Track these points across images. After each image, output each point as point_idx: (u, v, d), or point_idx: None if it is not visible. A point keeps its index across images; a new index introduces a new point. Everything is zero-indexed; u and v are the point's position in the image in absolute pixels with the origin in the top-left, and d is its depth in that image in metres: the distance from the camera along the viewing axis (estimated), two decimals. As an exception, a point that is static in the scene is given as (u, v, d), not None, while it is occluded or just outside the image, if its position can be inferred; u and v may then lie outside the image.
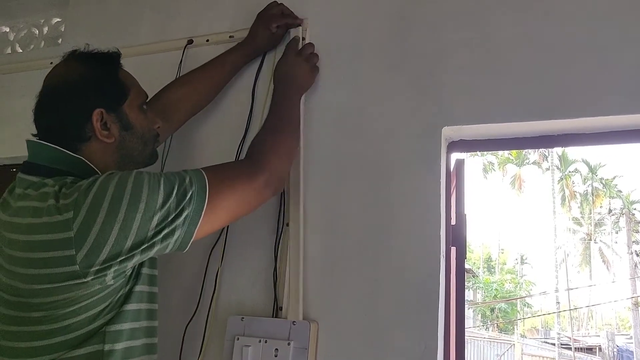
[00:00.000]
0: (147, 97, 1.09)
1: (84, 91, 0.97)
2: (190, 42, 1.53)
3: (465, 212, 1.25)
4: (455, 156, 1.26)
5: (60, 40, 1.83)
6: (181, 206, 0.88)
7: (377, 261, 1.15)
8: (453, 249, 1.22)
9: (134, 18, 1.66)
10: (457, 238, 1.22)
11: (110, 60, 1.03)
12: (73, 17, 1.79)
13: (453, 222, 1.23)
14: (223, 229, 1.29)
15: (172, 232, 0.87)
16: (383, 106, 1.25)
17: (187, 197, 0.89)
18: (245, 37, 1.40)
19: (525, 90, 1.14)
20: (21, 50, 1.90)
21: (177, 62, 1.51)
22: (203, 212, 0.90)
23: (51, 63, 1.74)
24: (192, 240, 0.91)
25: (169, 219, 0.87)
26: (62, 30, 1.84)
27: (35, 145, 0.95)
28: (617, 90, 1.07)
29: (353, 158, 1.24)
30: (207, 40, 1.51)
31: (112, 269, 0.84)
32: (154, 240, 0.86)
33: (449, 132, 1.20)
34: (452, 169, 1.25)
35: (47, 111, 0.98)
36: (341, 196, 1.22)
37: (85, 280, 0.82)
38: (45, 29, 1.89)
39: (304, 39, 1.35)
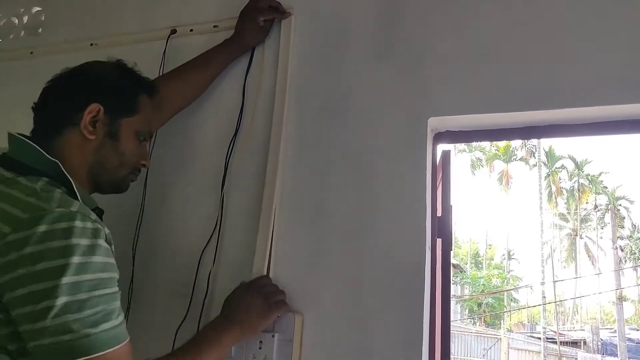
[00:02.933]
0: (151, 135, 1.08)
1: (95, 84, 0.98)
2: (173, 32, 1.50)
3: (451, 204, 1.24)
4: (441, 147, 1.25)
5: (41, 29, 1.79)
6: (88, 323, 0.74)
7: (362, 253, 1.14)
8: (439, 241, 1.21)
9: (116, 7, 1.64)
10: (443, 230, 1.21)
11: (139, 82, 1.05)
12: (54, 6, 1.76)
13: (439, 213, 1.22)
14: (215, 229, 1.27)
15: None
16: (368, 96, 1.23)
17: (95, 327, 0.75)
18: (231, 27, 1.38)
19: (512, 80, 1.13)
20: (0, 40, 1.86)
21: (160, 52, 1.48)
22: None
23: (31, 53, 1.73)
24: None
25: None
26: (43, 19, 1.80)
27: (17, 141, 0.92)
28: (604, 80, 1.07)
29: (338, 148, 1.22)
30: (191, 30, 1.49)
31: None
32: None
33: (435, 122, 1.20)
34: (438, 161, 1.24)
35: (54, 87, 0.99)
36: (325, 187, 1.21)
37: None
38: (25, 18, 1.85)
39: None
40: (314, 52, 1.32)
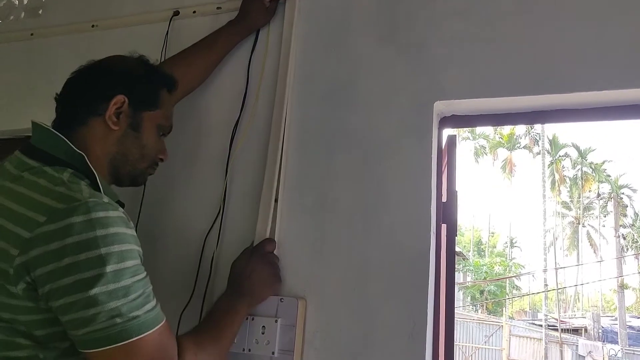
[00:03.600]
0: (170, 130, 1.09)
1: (121, 77, 0.99)
2: (176, 13, 1.48)
3: (456, 190, 1.23)
4: (447, 132, 1.24)
5: (41, 11, 1.76)
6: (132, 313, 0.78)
7: (366, 238, 1.13)
8: (443, 227, 1.20)
9: (118, -12, 1.61)
10: (447, 215, 1.20)
11: (163, 78, 1.06)
12: (55, -13, 1.73)
13: (444, 199, 1.21)
14: (219, 212, 1.26)
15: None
16: (373, 79, 1.21)
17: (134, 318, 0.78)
18: (235, 9, 1.36)
19: (519, 63, 1.11)
20: (0, 21, 1.84)
21: (162, 34, 1.46)
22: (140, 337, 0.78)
23: (32, 34, 1.71)
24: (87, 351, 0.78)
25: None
26: (43, 0, 1.77)
27: (43, 131, 0.93)
28: (611, 64, 1.05)
29: (342, 133, 1.21)
30: (194, 12, 1.47)
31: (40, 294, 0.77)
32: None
33: (441, 106, 1.18)
34: (443, 145, 1.22)
35: (79, 78, 0.99)
36: (329, 171, 1.20)
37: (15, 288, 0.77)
38: (26, 0, 1.83)
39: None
40: (318, 35, 1.30)
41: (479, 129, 28.42)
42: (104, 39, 1.58)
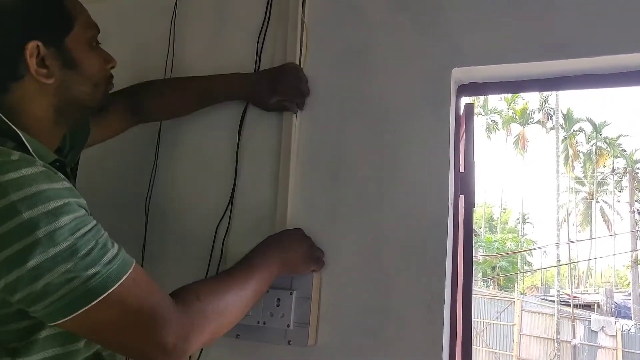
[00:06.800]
0: (99, 31, 0.90)
1: (16, 19, 0.79)
2: (184, -18, 1.44)
3: (474, 160, 1.20)
4: (464, 100, 1.20)
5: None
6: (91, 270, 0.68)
7: (382, 208, 1.10)
8: (461, 198, 1.17)
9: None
10: (465, 186, 1.17)
11: None
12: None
13: (462, 169, 1.18)
14: (229, 202, 1.24)
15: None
16: (388, 46, 1.17)
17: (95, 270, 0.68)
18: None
19: (540, 27, 1.07)
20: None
21: (171, 6, 1.43)
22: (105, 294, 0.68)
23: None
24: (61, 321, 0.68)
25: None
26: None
27: None
28: (637, 26, 1.00)
29: (356, 101, 1.18)
30: (203, -19, 1.43)
31: None
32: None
33: (459, 74, 1.14)
34: (461, 114, 1.19)
35: None
36: (344, 142, 1.17)
37: None
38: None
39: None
40: (330, 2, 1.25)
41: (492, 105, 28.08)
42: (110, 9, 1.54)
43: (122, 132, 1.21)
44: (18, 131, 0.75)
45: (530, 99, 28.91)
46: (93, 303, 0.67)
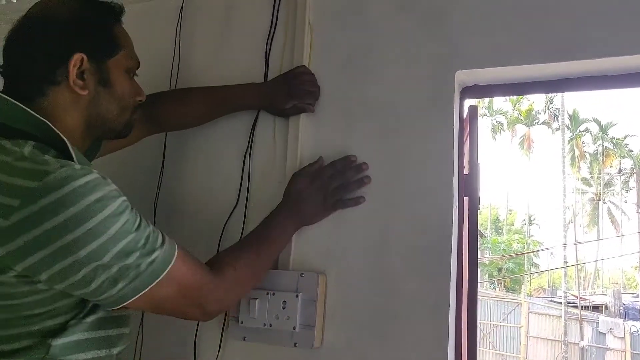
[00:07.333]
0: (139, 66, 0.98)
1: (69, 30, 0.85)
2: (190, -13, 1.45)
3: (478, 162, 1.20)
4: (468, 103, 1.20)
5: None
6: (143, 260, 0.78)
7: (387, 211, 1.11)
8: (466, 200, 1.17)
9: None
10: (470, 188, 1.17)
11: (110, 11, 0.92)
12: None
13: (466, 171, 1.18)
14: (236, 205, 1.25)
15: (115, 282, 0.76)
16: (392, 49, 1.18)
17: (151, 257, 0.78)
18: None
19: (543, 28, 1.07)
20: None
21: (177, 9, 1.44)
22: (160, 278, 0.79)
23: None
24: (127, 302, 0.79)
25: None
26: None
27: None
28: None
29: (362, 103, 1.18)
30: (208, -14, 1.44)
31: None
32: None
33: (463, 76, 1.14)
34: (465, 116, 1.19)
35: (21, 43, 0.85)
36: (349, 144, 1.17)
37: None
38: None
39: None
40: (335, 4, 1.26)
41: (497, 106, 28.02)
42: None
43: (134, 143, 1.21)
44: (66, 141, 0.79)
45: (536, 100, 28.88)
46: (156, 281, 0.78)
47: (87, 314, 0.80)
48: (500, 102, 29.49)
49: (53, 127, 0.79)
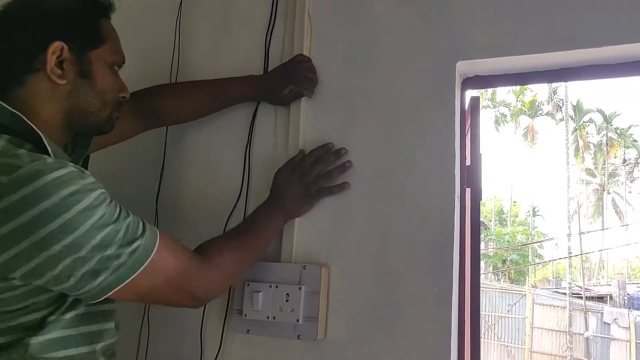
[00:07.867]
0: (124, 62, 0.95)
1: (51, 18, 0.84)
2: (189, -19, 1.45)
3: (480, 152, 1.20)
4: (469, 94, 1.20)
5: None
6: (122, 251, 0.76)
7: (389, 202, 1.11)
8: (468, 191, 1.17)
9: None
10: (472, 179, 1.17)
11: (97, 5, 0.90)
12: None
13: (468, 162, 1.18)
14: (238, 199, 1.25)
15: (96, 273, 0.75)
16: (393, 40, 1.18)
17: (132, 247, 0.77)
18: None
19: (545, 18, 1.06)
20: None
21: (176, 5, 1.44)
22: (142, 268, 0.78)
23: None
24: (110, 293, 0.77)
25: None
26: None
27: None
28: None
29: (363, 95, 1.18)
30: (208, -21, 1.43)
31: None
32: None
33: (464, 67, 1.14)
34: (466, 107, 1.19)
35: (1, 29, 0.84)
36: (350, 136, 1.17)
37: None
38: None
39: None
40: (335, -3, 1.26)
41: (500, 97, 27.89)
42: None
43: (130, 137, 1.20)
44: (41, 134, 0.78)
45: (539, 91, 28.71)
46: (139, 270, 0.77)
47: (66, 310, 0.79)
48: (504, 94, 29.41)
49: (27, 120, 0.78)
